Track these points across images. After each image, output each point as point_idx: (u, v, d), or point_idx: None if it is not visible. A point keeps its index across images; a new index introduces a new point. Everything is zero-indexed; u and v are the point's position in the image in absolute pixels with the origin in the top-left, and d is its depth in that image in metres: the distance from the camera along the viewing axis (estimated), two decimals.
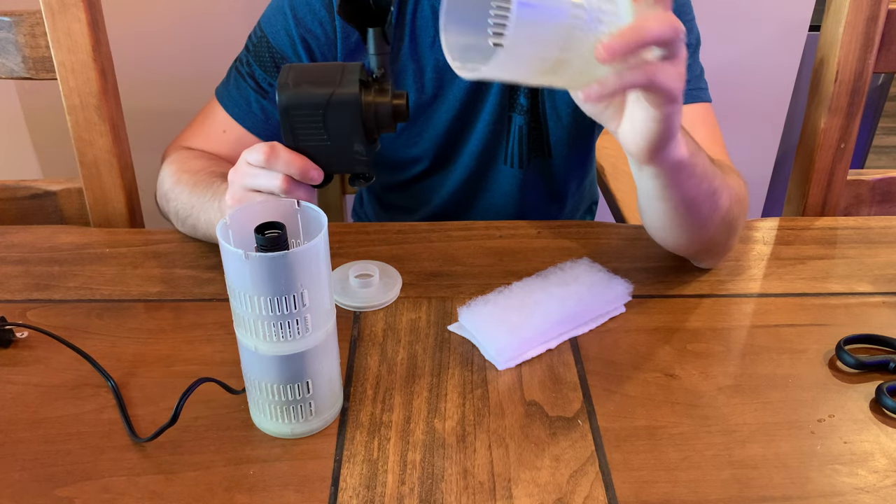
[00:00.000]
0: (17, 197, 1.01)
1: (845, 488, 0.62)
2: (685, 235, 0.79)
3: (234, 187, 0.69)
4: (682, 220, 0.75)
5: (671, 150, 0.65)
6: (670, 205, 0.73)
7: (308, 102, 0.64)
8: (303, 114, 0.64)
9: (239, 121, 0.93)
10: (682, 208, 0.73)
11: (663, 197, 0.72)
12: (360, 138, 0.65)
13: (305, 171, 0.66)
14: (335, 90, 0.63)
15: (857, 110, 0.96)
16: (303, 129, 0.65)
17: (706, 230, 0.77)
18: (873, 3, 0.90)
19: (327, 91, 0.63)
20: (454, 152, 1.01)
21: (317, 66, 0.66)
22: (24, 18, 0.91)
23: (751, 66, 1.66)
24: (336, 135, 0.65)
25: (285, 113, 0.64)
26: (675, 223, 0.76)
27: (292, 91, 0.64)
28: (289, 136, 0.65)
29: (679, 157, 0.66)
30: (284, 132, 0.65)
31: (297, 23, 0.90)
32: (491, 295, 0.78)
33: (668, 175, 0.68)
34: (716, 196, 0.73)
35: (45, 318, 0.79)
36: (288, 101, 0.64)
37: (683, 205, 0.73)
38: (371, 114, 0.65)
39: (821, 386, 0.71)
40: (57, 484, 0.62)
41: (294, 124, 0.65)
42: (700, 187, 0.71)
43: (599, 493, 0.61)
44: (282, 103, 0.64)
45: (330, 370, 0.66)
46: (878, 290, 0.83)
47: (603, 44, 0.54)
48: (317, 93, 0.64)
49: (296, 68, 0.65)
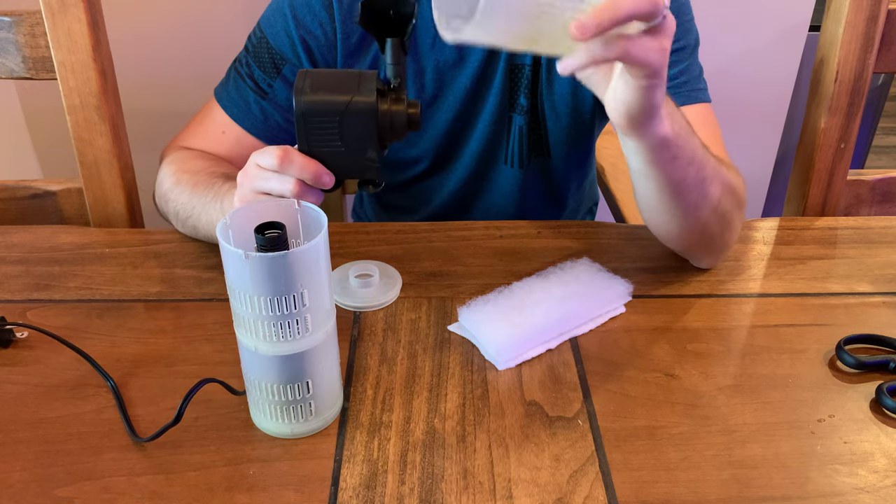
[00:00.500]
0: (17, 197, 1.01)
1: (845, 488, 0.62)
2: (675, 221, 0.78)
3: (244, 189, 0.69)
4: (669, 203, 0.75)
5: (654, 126, 0.65)
6: (656, 185, 0.73)
7: (326, 109, 0.64)
8: (320, 120, 0.64)
9: (238, 121, 0.93)
10: (668, 189, 0.73)
11: (648, 175, 0.72)
12: (373, 145, 0.66)
13: (318, 177, 0.66)
14: (353, 97, 0.64)
15: (857, 110, 0.96)
16: (318, 135, 0.65)
17: (696, 218, 0.77)
18: (873, 3, 0.90)
19: (345, 98, 0.64)
20: (454, 152, 1.01)
21: (333, 72, 0.66)
22: (24, 18, 0.91)
23: (751, 66, 1.66)
24: (351, 141, 0.65)
25: (302, 118, 0.64)
26: (663, 205, 0.76)
27: (310, 97, 0.64)
28: (303, 141, 0.65)
29: (662, 134, 0.66)
30: (299, 137, 0.65)
31: (297, 24, 0.90)
32: (491, 295, 0.78)
33: (651, 151, 0.68)
34: (705, 183, 0.73)
35: (45, 318, 0.79)
36: (306, 107, 0.64)
37: (669, 186, 0.73)
38: (387, 122, 0.65)
39: (821, 386, 0.71)
40: (57, 484, 0.62)
41: (310, 130, 0.65)
42: (687, 171, 0.71)
43: (599, 493, 0.61)
44: (299, 109, 0.64)
45: (330, 370, 0.66)
46: (878, 290, 0.83)
47: (576, 22, 0.53)
48: (335, 100, 0.64)
49: (312, 74, 0.65)
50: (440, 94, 0.95)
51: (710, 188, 0.74)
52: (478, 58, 0.93)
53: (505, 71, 0.93)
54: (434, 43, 0.92)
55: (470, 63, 0.93)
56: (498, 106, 0.96)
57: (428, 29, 0.92)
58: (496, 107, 0.96)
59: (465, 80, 0.94)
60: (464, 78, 0.94)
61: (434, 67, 0.93)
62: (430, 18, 0.91)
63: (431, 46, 0.92)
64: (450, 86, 0.94)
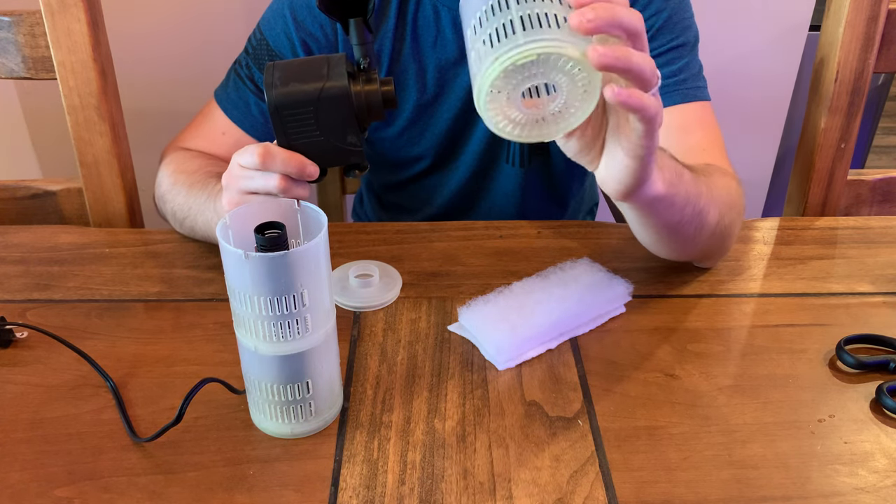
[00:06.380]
0: (17, 197, 1.01)
1: (845, 488, 0.62)
2: (675, 251, 0.81)
3: (230, 191, 0.68)
4: (668, 241, 0.78)
5: (646, 189, 0.64)
6: (653, 230, 0.75)
7: (299, 100, 0.63)
8: (295, 112, 0.63)
9: (238, 123, 0.93)
10: (664, 232, 0.75)
11: (645, 224, 0.74)
12: (352, 130, 0.65)
13: (302, 169, 0.65)
14: (325, 84, 0.63)
15: (857, 110, 0.96)
16: (295, 127, 0.64)
17: (696, 245, 0.79)
18: (873, 3, 0.90)
19: (317, 86, 0.63)
20: (456, 151, 1.01)
21: (301, 61, 0.65)
22: (24, 18, 0.91)
23: (751, 66, 1.66)
24: (329, 129, 0.64)
25: (276, 113, 0.63)
26: (662, 243, 0.79)
27: (281, 90, 0.63)
28: (281, 136, 0.65)
29: (655, 194, 0.65)
30: (277, 132, 0.65)
31: (298, 26, 0.90)
32: (491, 295, 0.78)
33: (645, 209, 0.69)
34: (702, 216, 0.73)
35: (44, 318, 0.79)
36: (278, 100, 0.63)
37: (666, 230, 0.74)
38: (362, 103, 0.64)
39: (821, 386, 0.71)
40: (57, 484, 0.62)
41: (286, 123, 0.64)
42: (683, 212, 0.71)
43: (599, 493, 0.61)
44: (272, 104, 0.63)
45: (330, 370, 0.66)
46: (879, 290, 0.83)
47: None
48: (307, 89, 0.63)
49: (280, 66, 0.64)
50: (442, 93, 0.95)
51: (707, 217, 0.75)
52: None
53: None
54: (436, 42, 0.92)
55: None
56: None
57: (430, 28, 0.92)
58: None
59: (467, 78, 0.94)
60: (465, 76, 0.94)
61: (436, 66, 0.93)
62: (431, 17, 0.91)
63: (433, 45, 0.92)
64: (451, 84, 0.94)
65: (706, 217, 0.74)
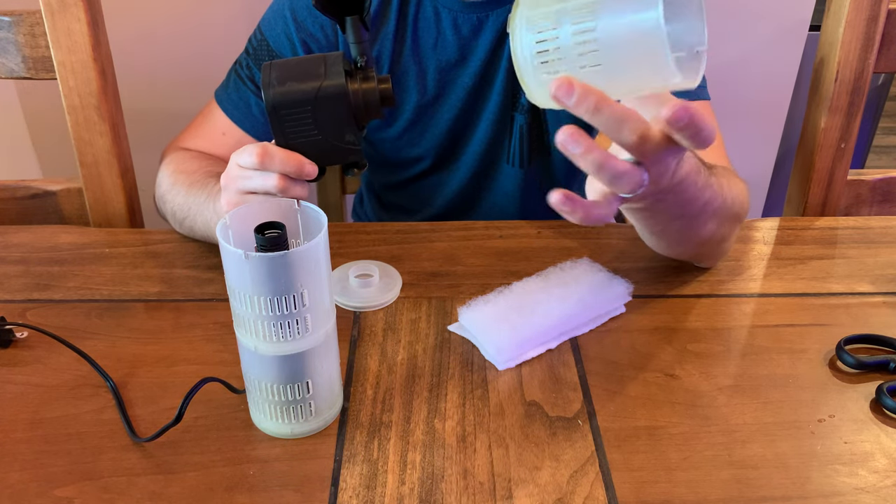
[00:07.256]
0: (17, 197, 1.01)
1: (845, 488, 0.62)
2: (677, 252, 0.83)
3: (229, 192, 0.68)
4: (674, 246, 0.80)
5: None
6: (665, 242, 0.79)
7: (296, 99, 0.63)
8: (292, 111, 0.63)
9: (239, 124, 0.93)
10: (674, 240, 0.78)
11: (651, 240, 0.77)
12: (350, 128, 0.65)
13: (301, 168, 0.65)
14: (322, 83, 0.63)
15: (857, 110, 0.96)
16: (293, 127, 0.64)
17: (699, 247, 0.80)
18: (874, 3, 0.90)
19: (314, 85, 0.63)
20: (457, 151, 1.01)
21: (298, 60, 0.65)
22: (24, 18, 0.91)
23: (751, 66, 1.66)
24: (327, 127, 0.64)
25: (274, 112, 0.63)
26: (669, 248, 0.81)
27: (278, 89, 0.63)
28: (279, 135, 0.65)
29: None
30: (274, 131, 0.64)
31: (298, 26, 0.90)
32: (491, 295, 0.78)
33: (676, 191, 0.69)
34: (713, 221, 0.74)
35: (44, 318, 0.79)
36: (275, 100, 0.63)
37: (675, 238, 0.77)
38: (360, 102, 0.64)
39: (821, 386, 0.71)
40: (56, 484, 0.62)
41: (284, 123, 0.64)
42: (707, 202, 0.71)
43: (599, 493, 0.61)
44: (269, 103, 0.63)
45: (330, 370, 0.66)
46: (879, 290, 0.83)
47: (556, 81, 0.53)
48: (304, 88, 0.63)
49: (277, 66, 0.64)
50: (442, 94, 0.95)
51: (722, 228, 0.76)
52: (480, 57, 0.93)
53: (507, 70, 0.93)
54: (436, 43, 0.92)
55: (472, 62, 0.93)
56: (500, 105, 0.96)
57: (430, 30, 0.92)
58: (498, 106, 0.96)
59: (468, 79, 0.94)
60: (466, 77, 0.94)
61: (436, 67, 0.93)
62: (431, 19, 0.91)
63: (433, 47, 0.92)
64: (452, 85, 0.94)
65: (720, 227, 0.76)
